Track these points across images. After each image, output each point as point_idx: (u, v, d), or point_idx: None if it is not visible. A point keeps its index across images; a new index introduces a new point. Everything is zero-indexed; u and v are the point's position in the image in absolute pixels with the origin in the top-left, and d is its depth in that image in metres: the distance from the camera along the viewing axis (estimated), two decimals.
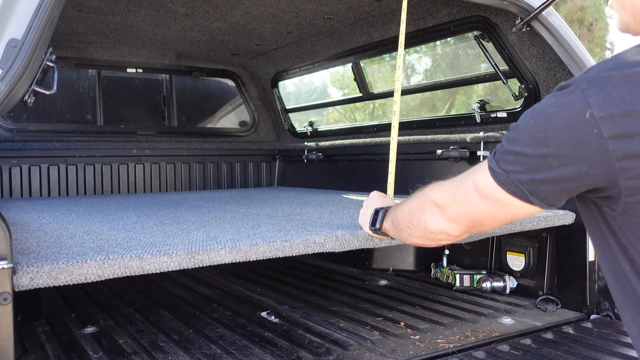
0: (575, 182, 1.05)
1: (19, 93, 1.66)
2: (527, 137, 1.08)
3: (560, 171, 1.04)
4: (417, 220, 1.44)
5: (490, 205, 1.22)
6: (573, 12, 15.05)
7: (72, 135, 4.23)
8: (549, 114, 1.04)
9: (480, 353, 2.01)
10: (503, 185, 1.14)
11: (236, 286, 3.16)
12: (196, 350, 2.06)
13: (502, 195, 1.15)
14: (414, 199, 1.51)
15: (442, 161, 3.27)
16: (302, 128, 4.79)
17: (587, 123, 0.97)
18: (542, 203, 1.12)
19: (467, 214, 1.30)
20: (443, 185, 1.38)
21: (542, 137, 1.04)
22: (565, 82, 1.05)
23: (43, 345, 2.15)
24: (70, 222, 2.41)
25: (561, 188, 1.07)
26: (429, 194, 1.41)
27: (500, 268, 2.86)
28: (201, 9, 3.18)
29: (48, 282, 1.45)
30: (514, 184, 1.12)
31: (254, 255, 1.76)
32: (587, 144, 0.98)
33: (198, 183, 4.71)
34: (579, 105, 0.99)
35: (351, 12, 3.28)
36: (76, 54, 4.17)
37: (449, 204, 1.33)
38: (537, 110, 1.08)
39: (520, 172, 1.10)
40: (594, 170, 1.00)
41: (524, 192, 1.11)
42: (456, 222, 1.34)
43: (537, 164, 1.06)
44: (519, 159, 1.10)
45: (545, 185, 1.08)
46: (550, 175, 1.06)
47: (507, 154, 1.13)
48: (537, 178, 1.08)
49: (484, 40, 2.91)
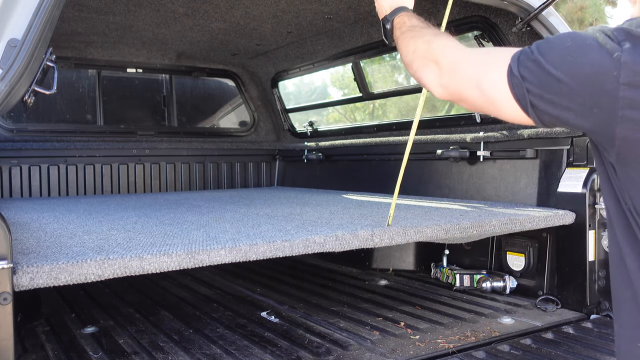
0: (576, 114, 1.09)
1: (19, 93, 1.66)
2: (556, 55, 1.11)
3: (568, 99, 1.08)
4: (416, 67, 1.43)
5: (485, 98, 1.24)
6: (573, 12, 15.05)
7: (72, 135, 4.23)
8: (586, 45, 1.09)
9: (480, 353, 2.00)
10: (512, 87, 1.16)
11: (236, 286, 3.16)
12: (196, 350, 2.06)
13: (506, 95, 1.17)
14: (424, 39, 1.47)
15: (442, 161, 3.27)
16: (302, 128, 4.79)
17: (612, 63, 1.04)
18: (537, 119, 1.16)
19: (459, 90, 1.30)
20: (454, 50, 1.35)
21: (569, 62, 1.09)
22: (610, 28, 1.11)
23: (43, 345, 2.15)
24: (70, 222, 2.41)
25: (560, 114, 1.12)
26: (436, 51, 1.39)
27: (500, 268, 2.86)
28: (201, 9, 3.18)
29: (48, 282, 1.45)
30: (523, 90, 1.14)
31: (254, 255, 1.76)
32: (603, 83, 1.04)
33: (198, 183, 4.71)
34: (612, 47, 1.05)
35: (351, 12, 3.28)
36: (76, 54, 4.17)
37: (448, 72, 1.33)
38: (578, 37, 1.12)
39: (533, 82, 1.13)
40: (598, 110, 1.06)
41: (527, 101, 1.14)
42: (446, 90, 1.34)
43: (552, 84, 1.10)
44: (538, 71, 1.12)
45: (548, 105, 1.12)
46: (557, 98, 1.10)
47: (530, 62, 1.14)
48: (545, 96, 1.11)
49: (484, 40, 2.91)
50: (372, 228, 2.05)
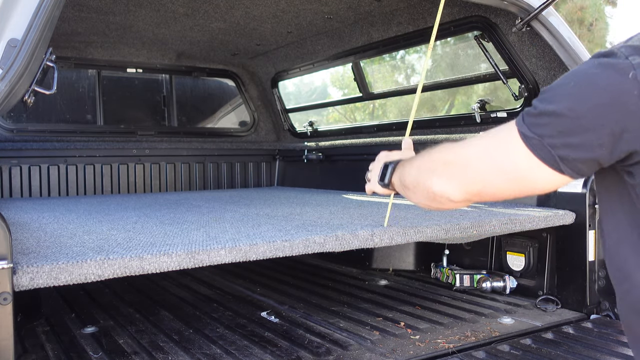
0: (608, 146, 1.02)
1: (19, 93, 1.66)
2: (565, 97, 1.05)
3: (595, 134, 1.01)
4: (423, 180, 1.33)
5: (511, 180, 1.14)
6: (573, 12, 15.06)
7: (72, 135, 4.23)
8: (591, 74, 1.03)
9: (480, 353, 2.00)
10: (535, 151, 1.07)
11: (236, 286, 3.16)
12: (196, 350, 2.06)
13: (531, 163, 1.08)
14: (424, 157, 1.39)
15: None
16: (302, 128, 4.79)
17: (630, 83, 0.98)
18: (573, 172, 1.07)
19: (479, 185, 1.21)
20: (456, 148, 1.27)
21: (581, 98, 1.02)
22: (605, 51, 1.04)
23: (43, 345, 2.15)
24: (70, 222, 2.42)
25: (593, 155, 1.03)
26: (438, 155, 1.31)
27: (500, 268, 2.86)
28: (201, 9, 3.18)
29: (48, 282, 1.45)
30: (546, 149, 1.05)
31: (253, 255, 1.76)
32: (626, 105, 0.98)
33: (198, 183, 4.71)
34: (623, 66, 1.00)
35: (351, 12, 3.28)
36: (76, 54, 4.17)
37: (460, 168, 1.24)
38: (578, 73, 1.06)
39: (553, 135, 1.05)
40: (628, 133, 1.00)
41: (555, 159, 1.05)
42: (463, 190, 1.24)
43: (571, 125, 1.03)
44: (552, 120, 1.05)
45: (578, 151, 1.03)
46: (584, 138, 1.02)
47: (540, 117, 1.07)
48: (570, 142, 1.03)
49: (484, 40, 2.91)
50: (372, 228, 2.05)
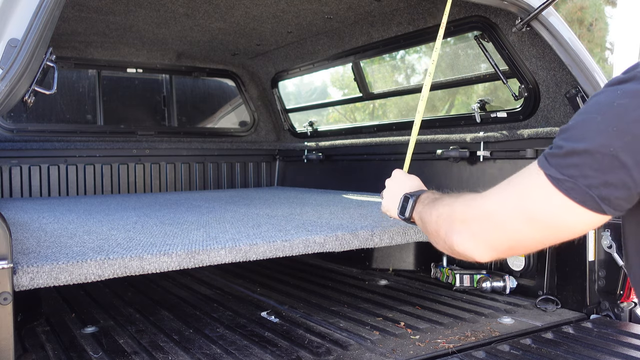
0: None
1: (19, 93, 1.66)
2: (595, 134, 0.96)
3: (637, 168, 0.93)
4: (444, 235, 1.25)
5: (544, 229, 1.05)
6: (573, 12, 15.06)
7: (72, 135, 4.23)
8: (618, 106, 0.95)
9: (480, 353, 2.00)
10: (570, 194, 0.98)
11: (236, 286, 3.16)
12: (196, 350, 2.06)
13: (566, 207, 0.99)
14: (442, 207, 1.32)
15: (442, 161, 3.27)
16: (302, 128, 4.79)
17: None
18: (614, 210, 0.98)
19: (507, 240, 1.12)
20: (477, 199, 1.18)
21: (613, 132, 0.93)
22: (624, 76, 0.97)
23: (43, 345, 2.15)
24: (70, 222, 2.42)
25: (637, 190, 0.95)
26: (459, 209, 1.22)
27: (500, 268, 2.86)
28: (201, 9, 3.18)
29: (48, 282, 1.45)
30: (583, 190, 0.97)
31: (253, 255, 1.76)
32: None
33: (198, 183, 4.71)
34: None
35: (351, 12, 3.28)
36: (76, 54, 4.17)
37: (483, 227, 1.14)
38: (601, 104, 0.98)
39: (589, 175, 0.96)
40: None
41: (594, 199, 0.97)
42: (490, 248, 1.16)
43: (609, 162, 0.94)
44: (585, 160, 0.96)
45: (620, 189, 0.95)
46: (625, 174, 0.93)
47: (570, 157, 0.98)
48: (610, 180, 0.95)
49: (484, 40, 2.91)
50: (372, 228, 2.05)
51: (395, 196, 1.62)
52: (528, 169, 1.08)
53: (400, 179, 1.70)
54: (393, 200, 1.64)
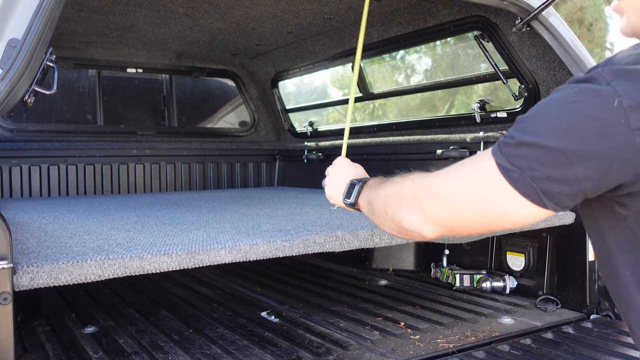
0: (595, 180, 0.95)
1: (19, 93, 1.66)
2: (546, 128, 0.98)
3: (581, 167, 0.94)
4: (392, 212, 1.26)
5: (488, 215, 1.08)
6: (573, 12, 15.06)
7: (72, 135, 4.23)
8: (572, 102, 0.96)
9: (480, 353, 2.01)
10: (515, 184, 1.00)
11: (236, 286, 3.16)
12: (196, 350, 2.06)
13: (510, 196, 1.01)
14: (391, 186, 1.31)
15: (442, 161, 3.27)
16: (302, 128, 4.79)
17: (615, 112, 0.91)
18: (556, 206, 1.00)
19: (453, 219, 1.14)
20: (427, 180, 1.20)
21: (564, 128, 0.95)
22: (584, 75, 0.98)
23: (43, 345, 2.15)
24: (70, 222, 2.42)
25: (579, 188, 0.97)
26: (408, 187, 1.23)
27: (500, 268, 2.86)
28: (201, 9, 3.18)
29: (48, 282, 1.45)
30: (528, 182, 0.99)
31: (253, 255, 1.76)
32: (613, 136, 0.91)
33: (198, 183, 4.71)
34: (606, 93, 0.92)
35: (351, 12, 3.28)
36: (76, 54, 4.17)
37: (432, 204, 1.16)
38: (557, 100, 0.99)
39: (534, 168, 0.98)
40: (618, 165, 0.93)
41: (537, 192, 0.99)
42: (437, 225, 1.17)
43: (555, 158, 0.95)
44: (533, 152, 0.98)
45: (563, 185, 0.97)
46: (569, 172, 0.95)
47: (519, 147, 1.00)
48: (553, 175, 0.96)
49: (484, 40, 2.91)
50: (372, 228, 2.05)
51: (341, 183, 1.62)
52: (482, 154, 1.09)
53: (345, 167, 1.70)
54: (338, 187, 1.64)
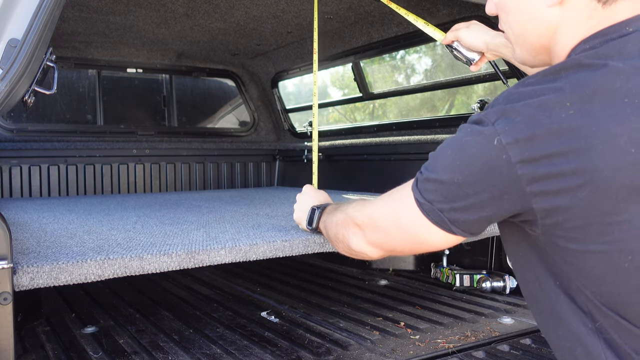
0: (492, 208, 1.06)
1: (19, 93, 1.66)
2: (443, 165, 1.10)
3: (477, 198, 1.05)
4: (342, 236, 1.44)
5: (411, 239, 1.22)
6: None
7: (72, 135, 4.23)
8: (464, 142, 1.07)
9: (480, 353, 2.01)
10: (428, 215, 1.13)
11: (236, 286, 3.16)
12: (196, 350, 2.06)
13: (426, 225, 1.15)
14: (340, 212, 1.50)
15: None
16: (302, 128, 4.79)
17: (497, 149, 1.00)
18: (464, 232, 1.13)
19: (387, 242, 1.30)
20: (366, 206, 1.36)
21: (456, 165, 1.06)
22: (476, 116, 1.08)
23: (43, 345, 2.15)
24: (70, 222, 2.42)
25: (480, 216, 1.08)
26: (351, 214, 1.41)
27: (500, 268, 2.86)
28: (201, 9, 3.18)
29: (48, 282, 1.45)
30: (437, 213, 1.12)
31: (254, 255, 1.76)
32: (498, 170, 1.00)
33: (198, 183, 4.71)
34: (488, 133, 1.01)
35: (351, 12, 3.28)
36: (76, 54, 4.17)
37: (370, 229, 1.32)
38: (454, 140, 1.10)
39: (440, 201, 1.10)
40: (507, 195, 1.02)
41: (445, 221, 1.11)
42: (377, 247, 1.34)
43: (454, 192, 1.07)
44: (437, 187, 1.11)
45: (465, 214, 1.09)
46: (467, 202, 1.07)
47: (427, 183, 1.13)
48: (456, 206, 1.09)
49: None
50: None
51: (305, 209, 1.81)
52: (407, 185, 1.21)
53: (310, 193, 1.87)
54: (303, 212, 1.82)
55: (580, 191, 0.95)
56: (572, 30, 1.10)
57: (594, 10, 1.06)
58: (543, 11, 1.11)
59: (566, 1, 1.08)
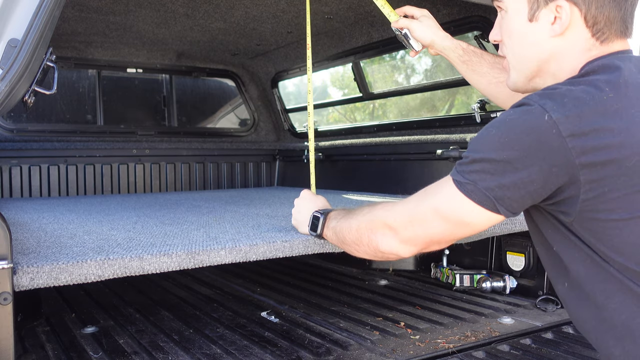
0: (539, 182, 1.10)
1: (19, 93, 1.66)
2: (490, 144, 1.15)
3: (526, 172, 1.10)
4: (367, 240, 1.43)
5: (452, 225, 1.24)
6: None
7: (72, 135, 4.23)
8: (509, 121, 1.14)
9: (480, 353, 2.01)
10: (470, 196, 1.16)
11: (236, 286, 3.16)
12: (196, 350, 2.06)
13: (468, 207, 1.17)
14: (361, 216, 1.49)
15: (442, 161, 3.27)
16: (302, 128, 4.78)
17: (547, 124, 1.07)
18: (507, 211, 1.16)
19: (424, 236, 1.31)
20: (396, 207, 1.37)
21: (505, 142, 1.12)
22: (520, 101, 1.16)
23: (43, 345, 2.15)
24: (70, 222, 2.42)
25: (527, 191, 1.12)
26: (380, 215, 1.41)
27: (500, 268, 2.86)
28: (201, 9, 3.18)
29: (48, 282, 1.45)
30: (482, 192, 1.14)
31: (254, 256, 1.76)
32: (548, 144, 1.07)
33: (198, 183, 4.71)
34: (537, 111, 1.09)
35: (351, 12, 3.28)
36: (76, 54, 4.17)
37: (404, 226, 1.33)
38: (497, 122, 1.17)
39: (486, 179, 1.14)
40: (556, 168, 1.08)
41: (490, 200, 1.14)
42: (411, 244, 1.35)
43: (503, 168, 1.11)
44: (484, 166, 1.14)
45: (512, 190, 1.12)
46: (516, 178, 1.11)
47: (472, 164, 1.16)
48: (504, 182, 1.12)
49: (484, 40, 2.91)
50: None
51: (305, 214, 1.82)
52: (442, 178, 1.26)
53: (308, 199, 1.88)
54: (303, 217, 1.84)
55: (627, 161, 1.06)
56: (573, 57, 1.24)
57: (593, 44, 1.22)
58: (546, 40, 1.26)
59: (567, 34, 1.23)
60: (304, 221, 1.84)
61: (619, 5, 1.20)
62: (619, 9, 1.20)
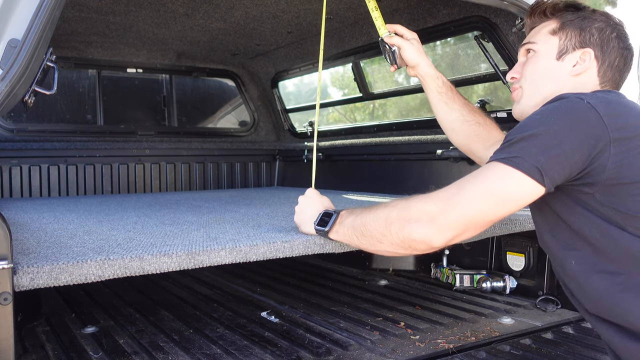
0: (580, 154, 1.26)
1: (19, 93, 1.65)
2: (534, 124, 1.30)
3: (569, 144, 1.25)
4: (398, 228, 1.43)
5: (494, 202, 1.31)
6: None
7: (72, 135, 4.23)
8: (551, 107, 1.34)
9: (480, 353, 2.01)
10: (518, 166, 1.26)
11: (236, 286, 3.16)
12: (196, 350, 2.06)
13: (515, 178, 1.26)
14: (390, 207, 1.49)
15: (442, 161, 3.27)
16: (302, 128, 4.78)
17: (586, 107, 1.29)
18: (550, 183, 1.27)
19: (463, 218, 1.34)
20: (434, 194, 1.41)
21: (550, 119, 1.29)
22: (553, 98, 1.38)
23: (43, 345, 2.15)
24: (70, 222, 2.42)
25: (568, 163, 1.26)
26: (415, 203, 1.42)
27: (500, 268, 2.86)
28: (201, 9, 3.18)
29: (48, 282, 1.45)
30: (530, 163, 1.25)
31: (254, 256, 1.76)
32: (588, 120, 1.27)
33: (198, 183, 4.71)
34: (575, 99, 1.32)
35: (351, 12, 3.28)
36: (76, 54, 4.17)
37: (443, 211, 1.35)
38: (539, 110, 1.35)
39: (533, 153, 1.26)
40: (594, 140, 1.26)
41: (538, 169, 1.25)
42: (448, 229, 1.36)
43: (550, 140, 1.26)
44: (531, 141, 1.27)
45: (556, 160, 1.25)
46: (561, 149, 1.25)
47: (517, 143, 1.29)
48: (550, 154, 1.25)
49: (484, 40, 2.91)
50: None
51: (310, 212, 1.83)
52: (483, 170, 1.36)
53: (314, 198, 1.88)
54: (307, 215, 1.84)
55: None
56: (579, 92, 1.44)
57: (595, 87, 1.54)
58: (565, 76, 1.54)
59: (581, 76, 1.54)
60: (307, 219, 1.83)
61: (622, 75, 1.57)
62: (621, 76, 1.57)
